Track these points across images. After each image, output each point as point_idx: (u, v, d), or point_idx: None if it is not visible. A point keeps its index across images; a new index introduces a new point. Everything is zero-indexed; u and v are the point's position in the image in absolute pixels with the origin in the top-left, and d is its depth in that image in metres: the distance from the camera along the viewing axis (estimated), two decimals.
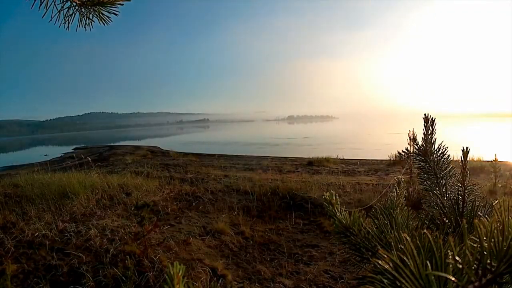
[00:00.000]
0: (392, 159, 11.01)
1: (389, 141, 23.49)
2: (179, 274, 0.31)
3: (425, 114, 0.77)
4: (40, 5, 0.44)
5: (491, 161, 6.72)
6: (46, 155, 25.12)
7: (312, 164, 11.18)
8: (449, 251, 0.32)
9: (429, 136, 0.78)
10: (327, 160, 11.44)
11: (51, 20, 0.45)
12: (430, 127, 0.77)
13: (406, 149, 7.44)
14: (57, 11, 0.45)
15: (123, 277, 3.17)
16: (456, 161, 0.82)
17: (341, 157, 12.78)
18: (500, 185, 6.37)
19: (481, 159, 9.68)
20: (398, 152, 9.03)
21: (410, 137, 7.27)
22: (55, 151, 30.15)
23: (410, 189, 5.62)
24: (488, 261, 0.33)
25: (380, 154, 14.16)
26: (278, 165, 11.34)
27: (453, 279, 0.31)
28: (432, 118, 0.76)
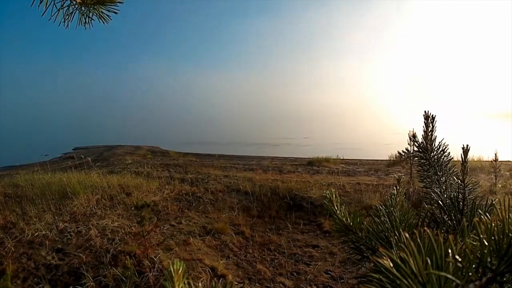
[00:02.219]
0: (392, 159, 11.01)
1: (389, 141, 23.51)
2: (179, 271, 0.31)
3: (425, 111, 0.77)
4: (40, 3, 0.44)
5: (491, 160, 6.72)
6: (46, 155, 25.09)
7: (312, 164, 11.17)
8: (449, 249, 0.32)
9: (429, 134, 0.77)
10: (327, 160, 11.42)
11: (50, 18, 0.45)
12: (430, 124, 0.76)
13: (406, 149, 7.45)
14: (56, 10, 0.45)
15: (123, 277, 3.17)
16: (455, 161, 0.82)
17: (341, 157, 12.78)
18: (500, 185, 6.37)
19: (481, 159, 9.68)
20: (398, 152, 9.04)
21: (410, 137, 7.27)
22: (55, 151, 30.14)
23: (410, 189, 5.62)
24: (489, 259, 0.33)
25: (381, 154, 14.17)
26: (278, 165, 11.34)
27: (453, 278, 0.31)
28: (432, 115, 0.75)
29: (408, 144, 7.34)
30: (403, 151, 7.58)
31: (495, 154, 6.39)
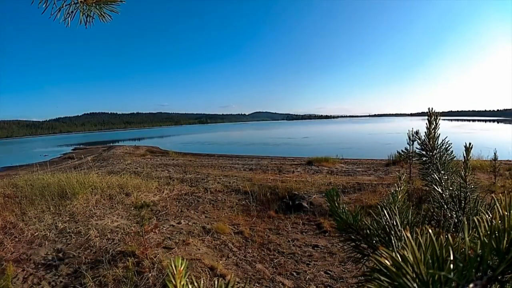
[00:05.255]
0: (391, 158, 11.01)
1: (389, 141, 23.54)
2: (181, 268, 0.31)
3: (428, 109, 0.76)
4: (40, 2, 0.44)
5: (491, 160, 6.73)
6: (46, 155, 25.09)
7: (312, 164, 11.18)
8: (450, 248, 0.32)
9: (432, 131, 0.77)
10: (327, 160, 11.42)
11: (50, 17, 0.45)
12: (434, 122, 0.76)
13: (406, 149, 7.45)
14: (57, 8, 0.45)
15: (123, 277, 3.17)
16: (456, 160, 0.82)
17: (341, 157, 12.77)
18: (499, 184, 6.38)
19: (481, 158, 9.69)
20: (398, 152, 9.03)
21: (409, 137, 7.29)
22: (54, 152, 30.13)
23: (410, 188, 5.62)
24: (490, 258, 0.33)
25: (380, 154, 14.17)
26: (278, 165, 11.34)
27: (454, 278, 0.31)
28: (436, 112, 0.75)
29: (408, 143, 7.36)
30: (402, 150, 7.60)
31: (495, 154, 6.40)
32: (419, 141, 0.80)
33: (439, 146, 0.78)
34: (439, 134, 0.78)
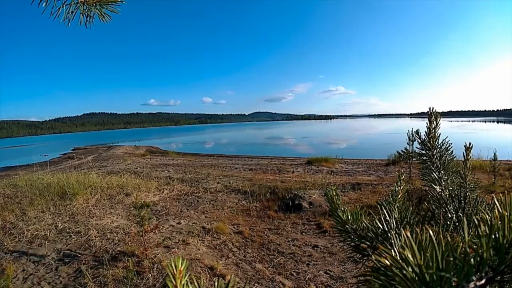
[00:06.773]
0: (391, 158, 11.02)
1: (388, 141, 23.55)
2: (181, 268, 0.31)
3: (429, 108, 0.76)
4: (40, 1, 0.44)
5: (491, 160, 6.73)
6: (45, 155, 25.06)
7: (312, 164, 11.18)
8: (449, 248, 0.32)
9: (433, 131, 0.77)
10: (326, 160, 11.42)
11: (50, 17, 0.45)
12: (434, 122, 0.76)
13: (405, 149, 7.45)
14: (57, 8, 0.45)
15: (123, 277, 3.17)
16: (457, 159, 0.81)
17: (340, 157, 12.77)
18: (499, 185, 6.38)
19: (481, 159, 9.69)
20: (398, 152, 9.04)
21: (409, 137, 7.29)
22: (54, 152, 30.10)
23: (409, 188, 5.62)
24: (490, 258, 0.33)
25: (380, 154, 14.18)
26: (278, 165, 11.34)
27: (454, 278, 0.31)
28: (436, 112, 0.75)
29: (407, 143, 7.36)
30: (402, 150, 7.59)
31: (495, 154, 6.40)
32: (419, 140, 0.80)
33: (439, 146, 0.78)
34: (440, 134, 0.78)
